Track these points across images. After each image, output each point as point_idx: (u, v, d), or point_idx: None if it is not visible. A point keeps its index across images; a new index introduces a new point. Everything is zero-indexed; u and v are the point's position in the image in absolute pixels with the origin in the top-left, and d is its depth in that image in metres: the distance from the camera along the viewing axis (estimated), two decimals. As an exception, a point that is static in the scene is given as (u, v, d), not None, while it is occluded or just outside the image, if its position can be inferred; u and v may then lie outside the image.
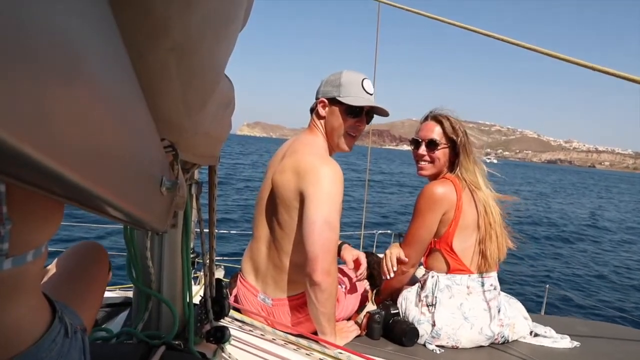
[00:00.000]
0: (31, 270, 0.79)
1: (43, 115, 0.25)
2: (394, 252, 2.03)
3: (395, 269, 2.01)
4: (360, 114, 1.86)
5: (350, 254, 2.09)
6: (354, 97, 1.82)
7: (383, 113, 1.93)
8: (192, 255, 2.94)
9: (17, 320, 0.77)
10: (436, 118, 2.09)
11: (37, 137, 0.24)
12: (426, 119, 2.14)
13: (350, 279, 2.10)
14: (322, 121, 1.88)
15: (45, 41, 0.23)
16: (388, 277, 2.04)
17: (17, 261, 0.74)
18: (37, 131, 0.24)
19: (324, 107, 1.87)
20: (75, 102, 0.29)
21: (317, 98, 1.91)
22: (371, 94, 1.87)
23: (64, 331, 0.86)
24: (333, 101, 1.85)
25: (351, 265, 2.06)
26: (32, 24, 0.22)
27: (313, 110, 1.93)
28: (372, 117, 1.94)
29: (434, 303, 1.92)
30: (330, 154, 1.88)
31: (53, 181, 0.31)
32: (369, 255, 2.80)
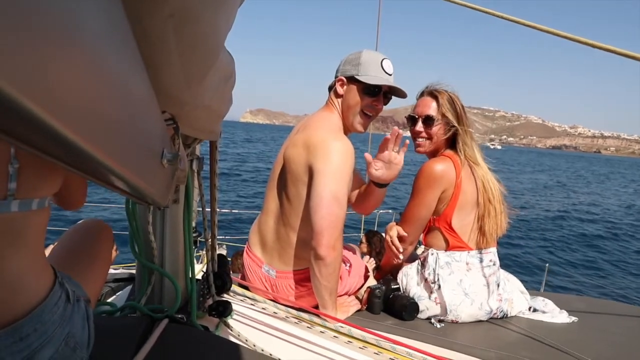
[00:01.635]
0: (35, 221, 0.82)
1: (43, 74, 0.25)
2: (393, 234, 2.02)
3: (402, 250, 2.01)
4: (377, 94, 1.84)
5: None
6: (373, 77, 1.81)
7: (401, 94, 1.91)
8: (194, 234, 2.96)
9: (19, 275, 0.80)
10: (432, 93, 2.03)
11: (37, 92, 0.24)
12: (422, 94, 2.09)
13: (356, 257, 2.12)
14: (339, 100, 1.87)
15: (47, 5, 0.23)
16: (401, 259, 2.04)
17: (23, 205, 0.77)
18: (37, 87, 0.24)
19: (342, 85, 1.86)
20: (75, 64, 0.29)
21: (336, 76, 1.90)
22: (390, 74, 1.85)
23: (65, 296, 0.89)
24: (351, 80, 1.83)
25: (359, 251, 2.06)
26: None
27: (331, 88, 1.92)
28: (390, 98, 1.92)
29: (435, 280, 1.93)
30: (345, 134, 1.87)
31: (53, 141, 0.31)
32: (371, 233, 2.81)
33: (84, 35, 0.30)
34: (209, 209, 1.69)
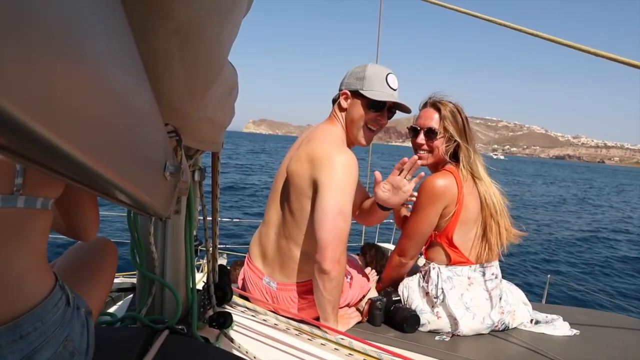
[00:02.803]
0: (38, 221, 0.85)
1: (46, 90, 0.25)
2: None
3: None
4: (382, 109, 1.84)
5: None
6: (377, 92, 1.80)
7: (405, 110, 1.89)
8: (195, 243, 2.95)
9: (21, 273, 0.82)
10: (435, 105, 1.99)
11: (39, 109, 0.24)
12: (425, 105, 2.05)
13: (357, 268, 2.12)
14: (343, 113, 1.87)
15: (51, 18, 0.24)
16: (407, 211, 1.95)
17: (29, 202, 0.81)
18: (39, 104, 0.24)
19: (346, 99, 1.86)
20: (79, 80, 0.29)
21: (340, 89, 1.89)
22: (395, 89, 1.84)
23: (65, 299, 0.90)
24: (356, 94, 1.83)
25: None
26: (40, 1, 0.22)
27: (335, 101, 1.91)
28: (394, 113, 1.91)
29: (438, 295, 1.92)
30: (348, 147, 1.85)
31: (55, 157, 0.31)
32: (370, 246, 2.80)
33: (90, 50, 0.30)
34: (211, 219, 1.69)
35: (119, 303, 1.94)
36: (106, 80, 0.35)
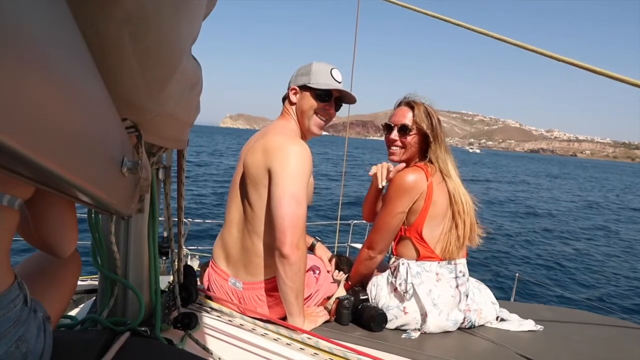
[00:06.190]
0: (4, 218, 0.82)
1: None
2: (385, 165, 2.14)
3: (385, 175, 2.11)
4: (329, 99, 1.93)
5: (325, 254, 2.32)
6: (323, 84, 1.91)
7: (350, 99, 2.02)
8: (165, 245, 2.91)
9: None
10: (409, 104, 2.09)
11: None
12: (400, 104, 2.15)
13: (324, 266, 2.14)
14: (293, 107, 1.96)
15: None
16: (381, 185, 2.12)
17: None
18: None
19: (295, 93, 1.95)
20: (24, 80, 0.28)
21: (288, 87, 1.99)
22: (340, 82, 1.95)
23: (23, 298, 0.88)
24: (304, 88, 1.93)
25: (328, 265, 2.23)
26: None
27: (285, 98, 2.00)
28: (341, 105, 2.02)
29: (407, 290, 1.94)
30: (304, 140, 1.93)
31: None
32: (339, 256, 2.82)
33: (32, 49, 0.29)
34: (176, 218, 1.66)
35: (81, 305, 1.89)
36: (50, 74, 0.34)
